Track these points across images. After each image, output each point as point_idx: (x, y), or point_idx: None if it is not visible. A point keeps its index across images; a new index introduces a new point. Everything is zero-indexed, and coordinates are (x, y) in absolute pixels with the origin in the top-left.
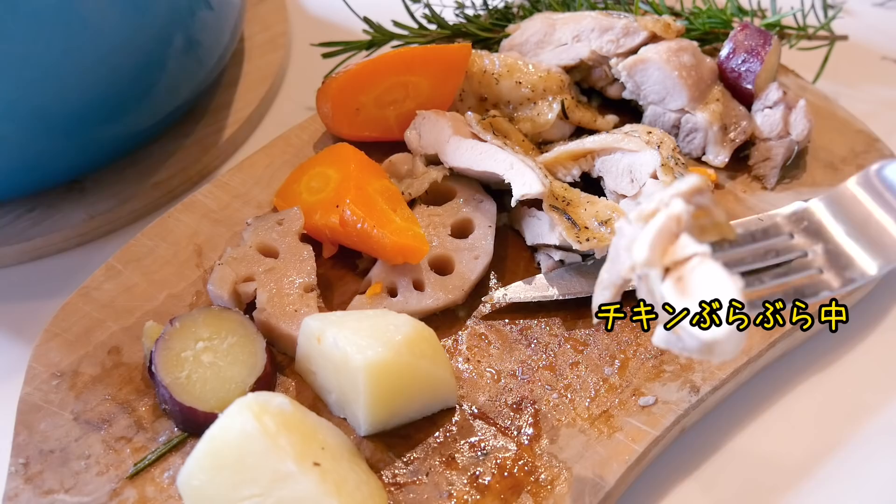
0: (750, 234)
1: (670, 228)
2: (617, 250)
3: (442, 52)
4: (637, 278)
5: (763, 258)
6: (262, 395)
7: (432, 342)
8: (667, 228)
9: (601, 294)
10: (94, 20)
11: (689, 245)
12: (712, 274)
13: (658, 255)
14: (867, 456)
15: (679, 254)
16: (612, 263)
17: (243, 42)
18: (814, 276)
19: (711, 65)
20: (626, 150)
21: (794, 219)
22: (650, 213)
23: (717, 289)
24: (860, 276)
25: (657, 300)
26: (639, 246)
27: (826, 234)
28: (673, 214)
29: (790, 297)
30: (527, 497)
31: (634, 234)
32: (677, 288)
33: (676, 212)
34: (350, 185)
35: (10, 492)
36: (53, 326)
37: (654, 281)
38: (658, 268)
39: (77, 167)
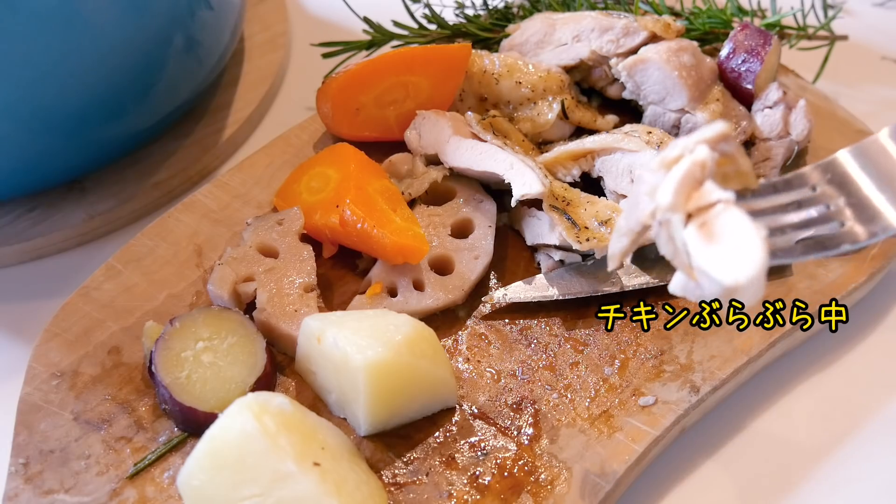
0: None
1: (694, 174)
2: (637, 196)
3: (442, 52)
4: (657, 225)
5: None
6: (262, 395)
7: (432, 342)
8: (691, 174)
9: (618, 241)
10: (95, 20)
11: (714, 191)
12: (737, 221)
13: (682, 200)
14: (867, 456)
15: (703, 200)
16: (630, 210)
17: (243, 42)
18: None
19: (711, 65)
20: (626, 150)
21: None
22: (673, 160)
23: (741, 236)
24: (884, 229)
25: (678, 247)
26: (663, 190)
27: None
28: (698, 160)
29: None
30: (527, 497)
31: (657, 180)
32: (700, 233)
33: (701, 158)
34: (350, 185)
35: (10, 492)
36: (53, 326)
37: (677, 227)
38: (681, 213)
39: (77, 167)
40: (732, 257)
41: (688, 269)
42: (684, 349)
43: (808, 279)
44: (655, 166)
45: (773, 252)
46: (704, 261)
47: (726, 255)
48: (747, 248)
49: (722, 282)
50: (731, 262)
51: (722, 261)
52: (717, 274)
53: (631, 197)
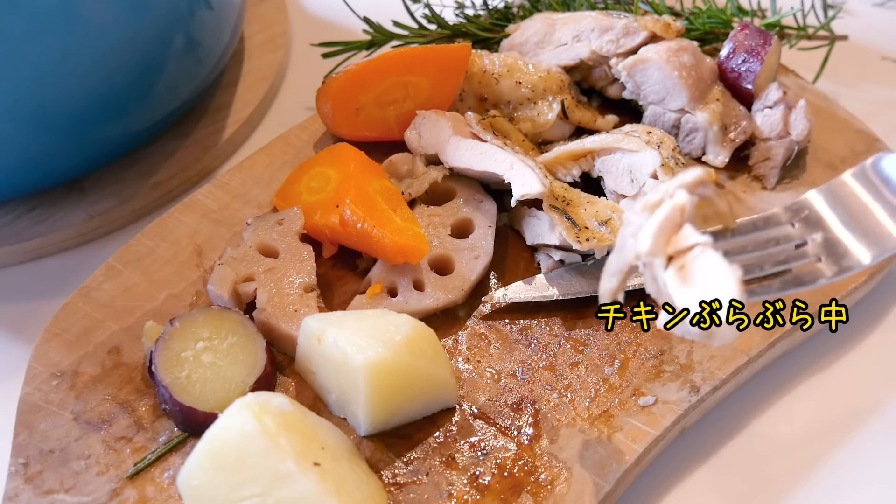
0: (751, 223)
1: (674, 218)
2: (624, 238)
3: (442, 52)
4: (642, 266)
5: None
6: (262, 395)
7: (432, 342)
8: (671, 218)
9: (608, 281)
10: (95, 20)
11: (692, 235)
12: (713, 263)
13: (661, 245)
14: (867, 456)
15: (682, 243)
16: (618, 252)
17: (243, 42)
18: (811, 264)
19: (711, 65)
20: (626, 150)
21: (794, 209)
22: (655, 204)
23: (716, 278)
24: (855, 265)
25: (660, 287)
26: (643, 235)
27: (823, 224)
28: (677, 205)
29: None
30: (527, 497)
31: (640, 223)
32: (679, 276)
33: (681, 202)
34: (350, 185)
35: (10, 492)
36: (53, 326)
37: (658, 269)
38: (661, 257)
39: (77, 167)
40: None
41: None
42: (684, 349)
43: None
44: (639, 209)
45: (751, 291)
46: (683, 302)
47: (702, 297)
48: (722, 290)
49: None
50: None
51: (699, 302)
52: None
53: (618, 239)
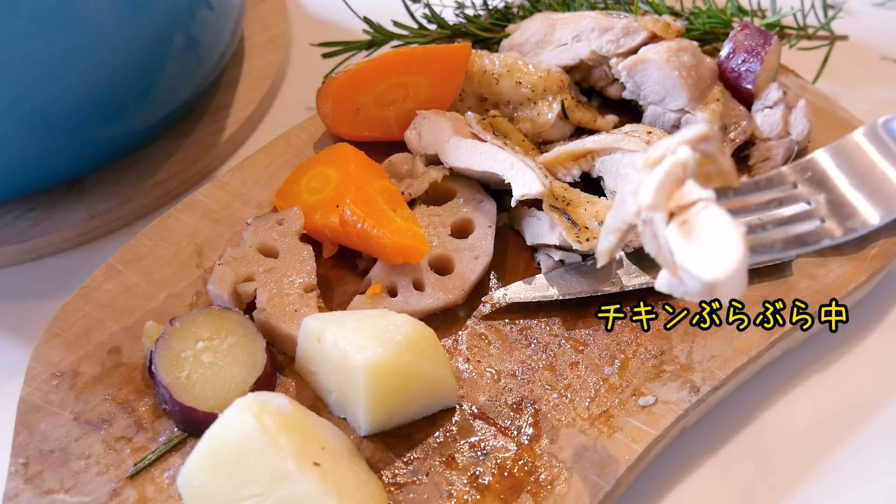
0: (754, 183)
1: (676, 174)
2: (623, 195)
3: (442, 52)
4: (641, 223)
5: (766, 207)
6: (262, 395)
7: (432, 342)
8: (672, 174)
9: (606, 239)
10: (95, 20)
11: (695, 190)
12: (716, 218)
13: (663, 199)
14: (867, 455)
15: (684, 198)
16: (617, 209)
17: (243, 42)
18: (816, 224)
19: (711, 65)
20: (626, 150)
21: (799, 169)
22: (656, 160)
23: (720, 233)
24: (862, 225)
25: (661, 245)
26: (644, 189)
27: (830, 184)
28: (679, 160)
29: (792, 245)
30: (527, 497)
31: (640, 180)
32: (681, 231)
33: (683, 158)
34: (350, 185)
35: (10, 492)
36: (53, 326)
37: (659, 225)
38: (663, 211)
39: (77, 167)
40: (712, 254)
41: (671, 267)
42: (684, 349)
43: (808, 279)
44: (640, 165)
45: (754, 248)
46: (685, 258)
47: (706, 252)
48: (726, 244)
49: (702, 278)
50: (710, 259)
51: (702, 257)
52: (697, 270)
53: (617, 195)
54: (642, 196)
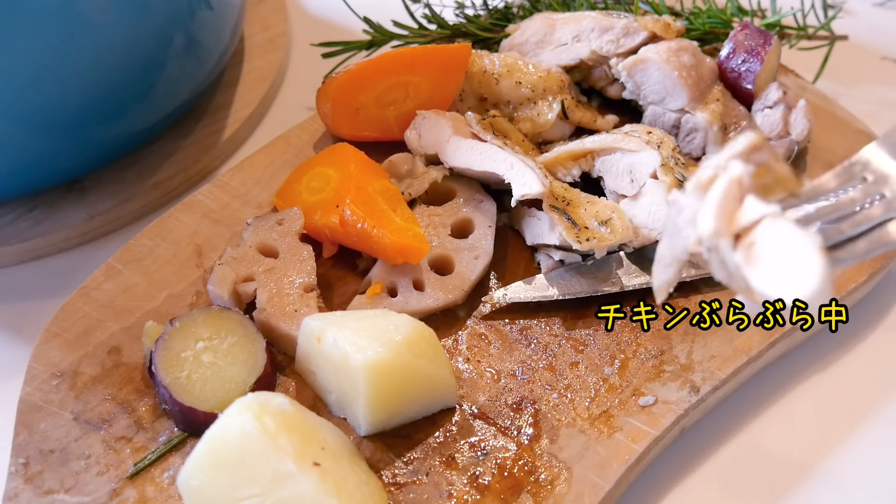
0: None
1: (733, 193)
2: (676, 225)
3: (442, 52)
4: (706, 252)
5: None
6: (262, 395)
7: (432, 342)
8: (729, 193)
9: (663, 272)
10: (94, 20)
11: (756, 207)
12: (786, 234)
13: (725, 223)
14: (867, 456)
15: (746, 218)
16: (671, 239)
17: (243, 42)
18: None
19: (711, 65)
20: (626, 150)
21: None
22: (708, 181)
23: (793, 249)
24: None
25: (731, 271)
26: (703, 217)
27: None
28: (734, 177)
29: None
30: (527, 497)
31: (694, 206)
32: (748, 255)
33: (737, 174)
34: (350, 185)
35: (10, 492)
36: (53, 326)
37: (725, 252)
38: (727, 237)
39: (77, 167)
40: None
41: (747, 292)
42: (684, 349)
43: None
44: (691, 189)
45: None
46: (761, 283)
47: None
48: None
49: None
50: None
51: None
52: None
53: (669, 224)
54: (702, 225)
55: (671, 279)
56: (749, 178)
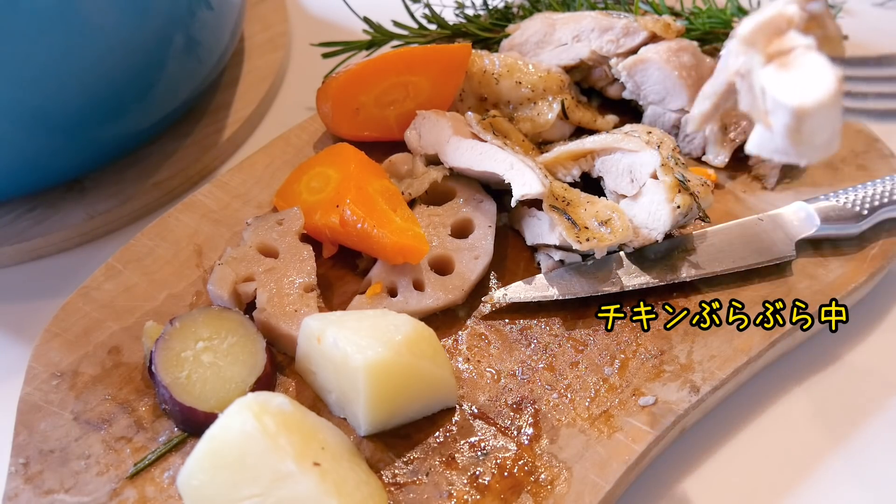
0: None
1: (779, 24)
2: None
3: (442, 52)
4: (739, 80)
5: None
6: (262, 395)
7: (432, 342)
8: (775, 21)
9: (701, 103)
10: (95, 20)
11: (796, 38)
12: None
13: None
14: (867, 456)
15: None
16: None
17: (243, 42)
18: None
19: (711, 65)
20: (626, 150)
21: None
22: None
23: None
24: None
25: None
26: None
27: None
28: (785, 13)
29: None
30: (527, 497)
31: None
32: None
33: (789, 12)
34: (350, 185)
35: (10, 492)
36: (53, 326)
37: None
38: (759, 52)
39: (77, 167)
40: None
41: (764, 117)
42: (684, 349)
43: (808, 279)
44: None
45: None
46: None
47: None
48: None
49: (788, 104)
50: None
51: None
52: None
53: (720, 63)
54: (741, 28)
55: (707, 112)
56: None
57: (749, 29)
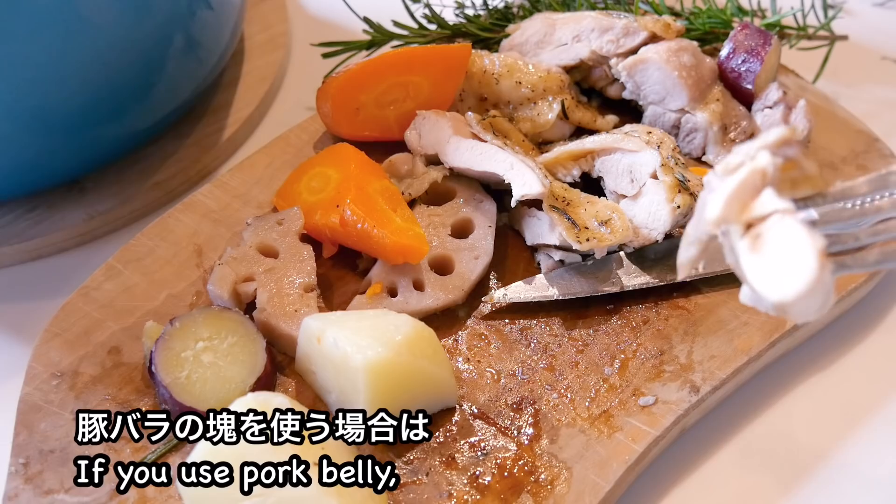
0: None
1: (753, 183)
2: (702, 204)
3: (442, 52)
4: (721, 235)
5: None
6: (262, 395)
7: (432, 342)
8: (749, 182)
9: (687, 250)
10: (94, 20)
11: (771, 201)
12: (791, 232)
13: (734, 212)
14: (868, 456)
15: (759, 210)
16: (696, 218)
17: (243, 42)
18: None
19: (711, 65)
20: (626, 151)
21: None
22: (735, 166)
23: (794, 248)
24: None
25: (736, 258)
26: (713, 200)
27: None
28: (757, 168)
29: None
30: (527, 497)
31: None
32: (753, 246)
33: (761, 165)
34: (350, 185)
35: (10, 492)
36: (53, 326)
37: (734, 237)
38: (735, 224)
39: (77, 167)
40: (781, 271)
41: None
42: (684, 349)
43: None
44: (720, 172)
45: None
46: (752, 274)
47: (775, 269)
48: (798, 261)
49: (769, 299)
50: (779, 277)
51: (770, 275)
52: (763, 290)
53: (699, 204)
54: (709, 209)
55: (693, 257)
56: (774, 170)
57: (719, 209)
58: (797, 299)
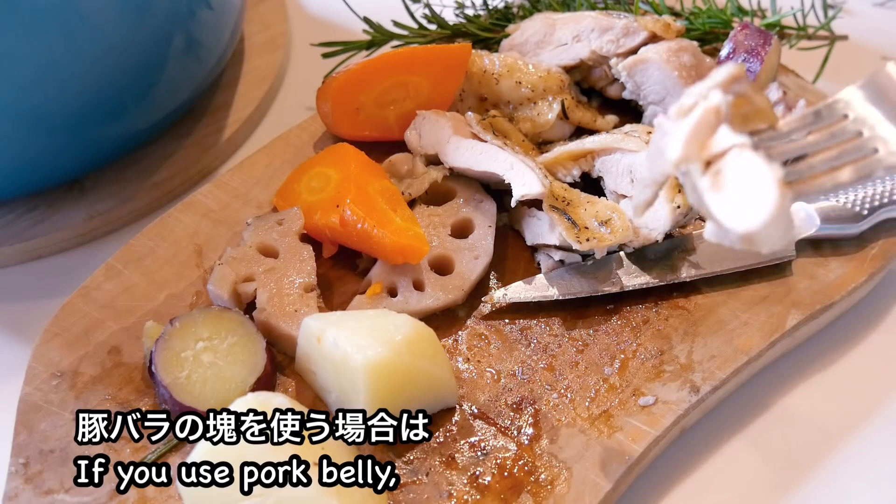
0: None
1: (709, 121)
2: (658, 148)
3: (442, 52)
4: (681, 175)
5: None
6: (262, 395)
7: (432, 342)
8: (705, 122)
9: (642, 193)
10: (94, 20)
11: (728, 137)
12: (750, 165)
13: (694, 151)
14: (868, 456)
15: (717, 147)
16: (652, 161)
17: (243, 42)
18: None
19: (711, 65)
20: (626, 151)
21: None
22: (689, 107)
23: (754, 180)
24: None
25: (701, 196)
26: (672, 143)
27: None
28: (711, 106)
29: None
30: (527, 497)
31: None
32: (714, 182)
33: (714, 103)
34: (350, 185)
35: (10, 492)
36: (53, 326)
37: (695, 176)
38: (696, 163)
39: (77, 167)
40: (744, 203)
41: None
42: (684, 349)
43: (807, 279)
44: (672, 114)
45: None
46: (718, 209)
47: (738, 202)
48: (759, 191)
49: (735, 231)
50: (743, 209)
51: (734, 208)
52: (730, 223)
53: (651, 146)
54: (670, 151)
55: (648, 199)
56: (726, 107)
57: (680, 150)
58: (762, 228)
